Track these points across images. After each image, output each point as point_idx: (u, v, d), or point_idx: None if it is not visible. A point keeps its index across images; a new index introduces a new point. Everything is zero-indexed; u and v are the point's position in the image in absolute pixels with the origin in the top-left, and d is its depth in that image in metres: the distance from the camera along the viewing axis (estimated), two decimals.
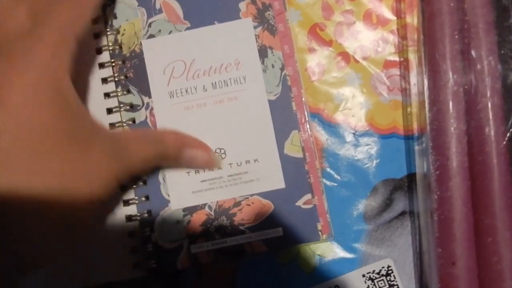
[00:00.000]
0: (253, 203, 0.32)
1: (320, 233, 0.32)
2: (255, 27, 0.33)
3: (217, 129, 0.33)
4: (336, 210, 0.33)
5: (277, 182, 0.32)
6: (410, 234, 0.33)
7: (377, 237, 0.33)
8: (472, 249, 0.30)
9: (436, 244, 0.30)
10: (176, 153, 0.30)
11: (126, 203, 0.32)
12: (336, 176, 0.33)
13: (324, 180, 0.33)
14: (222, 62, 0.33)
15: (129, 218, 0.32)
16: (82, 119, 0.26)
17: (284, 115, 0.32)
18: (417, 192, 0.32)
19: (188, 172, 0.32)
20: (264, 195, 0.32)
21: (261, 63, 0.33)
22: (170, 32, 0.33)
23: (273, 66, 0.33)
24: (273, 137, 0.32)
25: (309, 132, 0.33)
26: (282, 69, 0.33)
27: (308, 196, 0.32)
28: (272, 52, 0.33)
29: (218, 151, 0.33)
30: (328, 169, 0.33)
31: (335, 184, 0.33)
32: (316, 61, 0.34)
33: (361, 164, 0.33)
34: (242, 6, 0.33)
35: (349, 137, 0.34)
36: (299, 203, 0.32)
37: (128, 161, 0.27)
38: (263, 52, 0.33)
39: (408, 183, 0.33)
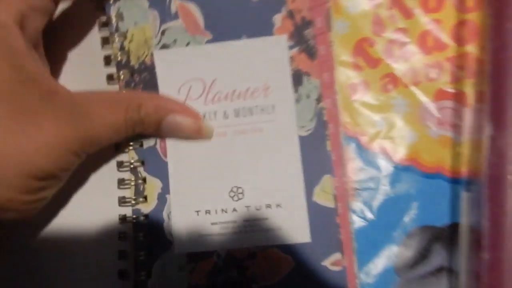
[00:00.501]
0: (270, 256, 0.28)
1: None
2: (290, 47, 0.29)
3: (236, 164, 0.29)
4: (363, 254, 0.29)
5: (302, 234, 0.28)
6: None
7: None
8: None
9: None
10: (156, 119, 0.27)
11: (121, 235, 0.29)
12: (367, 213, 0.30)
13: (353, 216, 0.30)
14: (249, 85, 0.29)
15: (123, 254, 0.29)
16: (31, 81, 0.24)
17: (316, 155, 0.29)
18: (460, 246, 0.29)
19: (198, 212, 0.28)
20: (284, 248, 0.28)
21: (294, 91, 0.29)
22: (188, 43, 0.29)
23: (308, 96, 0.29)
24: (301, 180, 0.28)
25: (345, 178, 0.28)
26: (318, 100, 0.29)
27: (337, 256, 0.28)
28: (308, 80, 0.29)
29: (235, 189, 0.29)
30: (359, 204, 0.30)
31: (366, 223, 0.30)
32: (360, 79, 0.31)
33: (398, 204, 0.30)
34: (277, 19, 0.29)
35: (388, 171, 0.30)
36: (326, 262, 0.28)
37: (91, 128, 0.25)
38: (297, 79, 0.29)
39: (450, 234, 0.30)
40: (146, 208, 0.29)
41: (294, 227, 0.28)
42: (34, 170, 0.24)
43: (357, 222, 0.30)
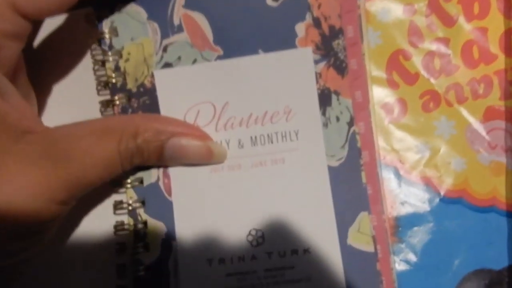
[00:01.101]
0: None
1: None
2: (316, 62, 0.26)
3: (254, 203, 0.27)
4: None
5: (337, 284, 0.26)
6: None
7: None
8: None
9: None
10: (156, 146, 0.25)
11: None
12: (411, 256, 0.28)
13: (396, 260, 0.28)
14: (267, 109, 0.26)
15: None
16: None
17: (349, 189, 0.26)
18: None
19: (210, 261, 0.25)
20: None
21: (321, 114, 0.26)
22: (195, 60, 0.27)
23: (338, 120, 0.26)
24: (332, 219, 0.26)
25: (385, 216, 0.25)
26: (350, 124, 0.26)
27: None
28: (338, 99, 0.26)
29: (253, 233, 0.26)
30: (402, 246, 0.28)
31: (410, 268, 0.28)
32: (395, 97, 0.30)
33: (447, 244, 0.29)
34: (299, 29, 0.26)
35: (433, 205, 0.29)
36: None
37: (76, 169, 0.23)
38: (325, 99, 0.26)
39: (510, 279, 0.29)
40: (147, 258, 0.26)
41: (326, 277, 0.26)
42: (7, 230, 0.21)
43: (399, 266, 0.28)
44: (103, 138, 0.23)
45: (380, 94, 0.30)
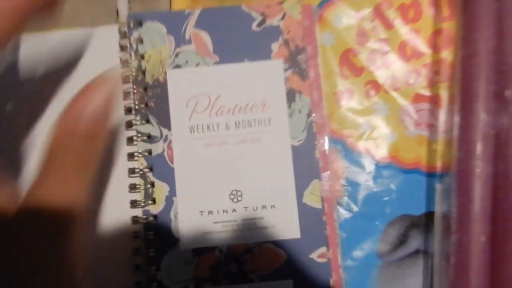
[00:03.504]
0: (265, 250, 0.31)
1: None
2: (285, 70, 0.32)
3: (236, 170, 0.32)
4: (349, 241, 0.32)
5: (292, 231, 0.31)
6: (422, 275, 0.32)
7: (389, 274, 0.32)
8: None
9: None
10: None
11: (134, 235, 0.31)
12: (353, 206, 0.33)
13: (340, 210, 0.32)
14: (248, 101, 0.32)
15: (136, 251, 0.31)
16: None
17: (306, 162, 0.32)
18: (434, 231, 0.32)
19: (201, 212, 0.31)
20: (277, 243, 0.31)
21: (288, 107, 0.32)
22: (198, 64, 0.32)
23: (300, 111, 0.32)
24: (293, 184, 0.31)
25: (330, 182, 0.32)
26: (308, 115, 0.32)
27: (323, 249, 0.31)
28: (300, 97, 0.32)
29: (234, 192, 0.32)
30: (346, 198, 0.33)
31: (351, 214, 0.33)
32: (346, 86, 0.33)
33: (380, 197, 0.33)
34: (274, 46, 0.32)
35: (371, 168, 0.33)
36: (313, 255, 0.31)
37: None
38: (291, 96, 0.32)
39: (426, 222, 0.33)
40: (155, 209, 0.31)
41: (286, 225, 0.31)
42: None
43: (344, 214, 0.32)
44: None
45: (333, 84, 0.33)
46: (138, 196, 0.31)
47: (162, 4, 0.34)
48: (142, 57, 0.32)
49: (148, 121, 0.32)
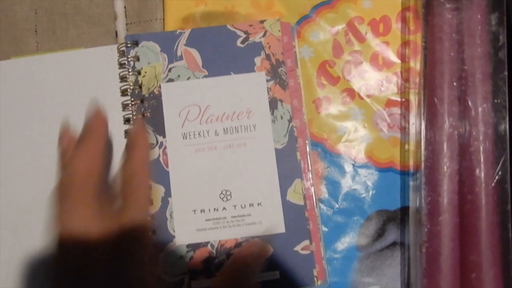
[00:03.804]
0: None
1: (315, 278, 0.33)
2: (267, 81, 0.35)
3: (225, 172, 0.34)
4: (330, 235, 0.35)
5: (278, 226, 0.34)
6: (399, 265, 0.34)
7: (368, 264, 0.34)
8: (457, 283, 0.31)
9: (423, 275, 0.31)
10: None
11: None
12: (333, 203, 0.35)
13: (322, 206, 0.35)
14: (235, 110, 0.35)
15: None
16: None
17: (289, 163, 0.34)
18: (409, 225, 0.34)
19: (194, 211, 0.34)
20: (264, 238, 0.33)
21: (271, 114, 0.35)
22: (189, 78, 0.35)
23: (281, 118, 0.35)
24: (277, 183, 0.34)
25: (311, 181, 0.35)
26: (290, 121, 0.35)
27: (306, 242, 0.33)
28: (282, 105, 0.35)
29: (224, 192, 0.34)
30: (327, 196, 0.35)
31: (332, 211, 0.35)
32: (324, 94, 0.36)
33: (358, 194, 0.35)
34: (257, 60, 0.35)
35: (349, 168, 0.35)
36: (297, 248, 0.33)
37: None
38: (273, 104, 0.35)
39: (401, 216, 0.35)
40: (152, 209, 0.34)
41: (272, 221, 0.34)
42: None
43: (325, 210, 0.35)
44: None
45: (313, 92, 0.36)
46: None
47: (156, 25, 0.38)
48: (139, 72, 0.35)
49: None
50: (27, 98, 0.36)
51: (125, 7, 0.38)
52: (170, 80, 0.35)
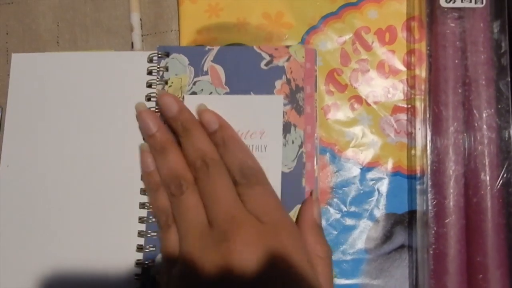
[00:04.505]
0: None
1: None
2: (285, 105, 0.36)
3: None
4: (339, 238, 0.36)
5: None
6: (407, 267, 0.35)
7: (376, 267, 0.35)
8: (464, 284, 0.32)
9: (430, 277, 0.32)
10: None
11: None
12: (342, 206, 0.36)
13: (331, 210, 0.36)
14: (249, 128, 0.35)
15: (139, 248, 0.35)
16: None
17: (293, 188, 0.35)
18: (416, 228, 0.35)
19: None
20: None
21: (283, 137, 0.35)
22: (211, 93, 0.36)
23: (293, 142, 0.35)
24: None
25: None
26: (300, 146, 0.35)
27: None
28: (295, 130, 0.35)
29: None
30: (336, 200, 0.36)
31: (341, 214, 0.36)
32: (332, 101, 0.37)
33: (366, 198, 0.36)
34: (278, 84, 0.36)
35: (357, 172, 0.36)
36: None
37: None
38: (287, 128, 0.35)
39: (409, 219, 0.36)
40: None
41: None
42: None
43: (334, 214, 0.36)
44: None
45: (321, 99, 0.37)
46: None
47: (172, 36, 0.40)
48: (166, 82, 0.37)
49: None
50: (56, 94, 0.38)
51: (141, 19, 0.40)
52: (194, 93, 0.36)
